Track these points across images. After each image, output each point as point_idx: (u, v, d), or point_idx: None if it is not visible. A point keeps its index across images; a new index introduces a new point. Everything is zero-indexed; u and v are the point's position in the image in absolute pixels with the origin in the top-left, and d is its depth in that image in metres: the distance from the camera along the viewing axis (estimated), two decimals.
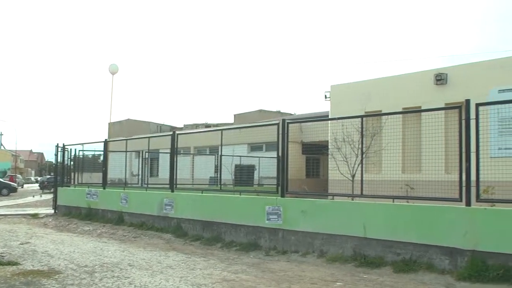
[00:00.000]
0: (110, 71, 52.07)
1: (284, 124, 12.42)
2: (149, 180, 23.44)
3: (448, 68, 21.32)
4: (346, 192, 12.97)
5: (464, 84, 20.01)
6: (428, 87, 21.28)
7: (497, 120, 18.03)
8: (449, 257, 9.00)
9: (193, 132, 29.21)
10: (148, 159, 24.43)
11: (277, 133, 12.49)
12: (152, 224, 16.36)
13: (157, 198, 16.41)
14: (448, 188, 9.64)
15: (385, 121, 14.12)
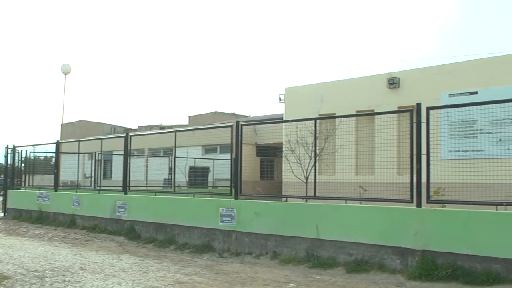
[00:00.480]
0: (63, 71, 51.10)
1: (238, 126, 12.42)
2: (102, 182, 23.09)
3: (401, 72, 21.69)
4: (300, 194, 13.04)
5: (416, 88, 20.40)
6: (381, 91, 21.62)
7: (448, 123, 18.51)
8: (400, 257, 9.15)
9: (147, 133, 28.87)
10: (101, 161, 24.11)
11: (231, 135, 12.48)
12: (105, 227, 16.13)
13: (110, 200, 16.18)
14: (400, 189, 9.80)
15: (338, 124, 14.27)
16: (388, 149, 12.99)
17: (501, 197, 9.56)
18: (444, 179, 11.00)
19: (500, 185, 10.56)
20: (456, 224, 8.70)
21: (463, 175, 11.88)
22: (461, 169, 12.55)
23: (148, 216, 14.49)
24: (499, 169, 11.65)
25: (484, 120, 17.10)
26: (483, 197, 9.65)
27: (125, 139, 16.27)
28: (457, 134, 18.78)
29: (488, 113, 12.81)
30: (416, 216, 9.12)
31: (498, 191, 10.04)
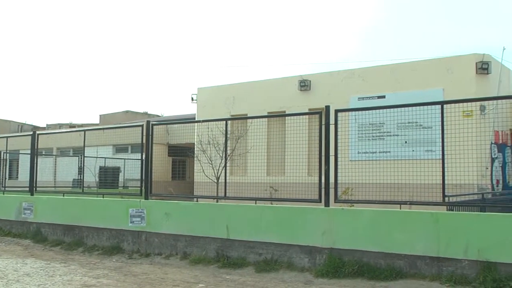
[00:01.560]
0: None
1: (148, 125, 12.25)
2: (8, 182, 22.14)
3: (312, 75, 22.17)
4: (211, 194, 13.04)
5: (327, 91, 20.91)
6: (293, 93, 22.00)
7: (357, 125, 19.10)
8: (309, 256, 9.31)
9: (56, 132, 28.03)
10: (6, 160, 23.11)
11: (142, 135, 12.29)
12: (10, 230, 15.42)
13: (15, 201, 15.49)
14: (310, 190, 9.98)
15: (250, 125, 14.38)
16: (299, 150, 13.22)
17: (405, 196, 9.94)
18: (353, 179, 11.31)
19: (405, 185, 10.98)
20: (362, 222, 8.96)
21: (371, 175, 12.29)
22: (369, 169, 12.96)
23: (56, 218, 14.00)
24: (404, 169, 12.11)
25: (391, 123, 17.70)
26: (390, 196, 10.01)
27: (32, 138, 15.66)
28: (365, 136, 19.39)
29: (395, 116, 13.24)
30: (324, 215, 9.31)
31: (404, 191, 10.43)
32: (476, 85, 18.39)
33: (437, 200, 8.96)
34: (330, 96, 19.42)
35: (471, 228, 8.03)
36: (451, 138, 10.12)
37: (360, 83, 20.68)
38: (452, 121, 10.31)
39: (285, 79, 22.82)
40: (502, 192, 18.30)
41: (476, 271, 7.80)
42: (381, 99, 19.76)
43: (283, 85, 22.48)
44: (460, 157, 10.32)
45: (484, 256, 7.79)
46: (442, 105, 8.95)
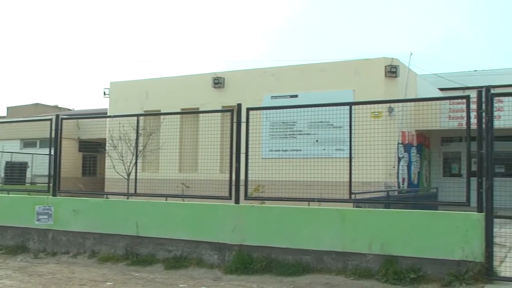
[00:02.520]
0: None
1: (58, 119, 11.88)
2: None
3: (226, 73, 22.23)
4: (121, 191, 12.84)
5: (241, 89, 21.03)
6: (207, 90, 21.99)
7: (270, 124, 19.33)
8: (218, 252, 9.35)
9: None
10: None
11: (50, 129, 11.90)
12: None
13: None
14: (222, 187, 10.00)
15: (162, 121, 14.26)
16: (212, 148, 13.25)
17: (315, 194, 10.14)
18: (265, 177, 11.46)
19: (315, 182, 11.23)
20: (271, 219, 9.09)
21: (283, 173, 12.49)
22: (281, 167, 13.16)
23: None
24: (315, 167, 12.37)
25: (303, 122, 18.08)
26: (300, 193, 10.19)
27: None
28: (278, 134, 19.67)
29: (307, 115, 13.54)
30: (234, 212, 9.37)
31: (314, 188, 10.65)
32: (385, 87, 19.04)
33: (345, 197, 9.23)
34: (243, 94, 19.52)
35: (375, 224, 8.34)
36: (360, 138, 10.43)
37: (273, 82, 20.95)
38: (362, 121, 10.63)
39: (199, 76, 22.76)
40: (407, 190, 19.07)
41: (379, 265, 8.10)
42: (293, 98, 20.08)
43: (197, 82, 22.41)
44: (369, 156, 10.66)
45: (387, 250, 8.11)
46: (350, 106, 9.21)
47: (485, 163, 7.82)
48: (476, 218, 7.75)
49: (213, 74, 22.05)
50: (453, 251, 7.77)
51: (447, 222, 7.97)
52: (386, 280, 7.82)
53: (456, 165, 23.05)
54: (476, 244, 7.68)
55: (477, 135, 7.86)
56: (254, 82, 21.24)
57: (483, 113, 7.88)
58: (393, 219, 8.30)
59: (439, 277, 7.75)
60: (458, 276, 7.60)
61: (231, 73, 22.20)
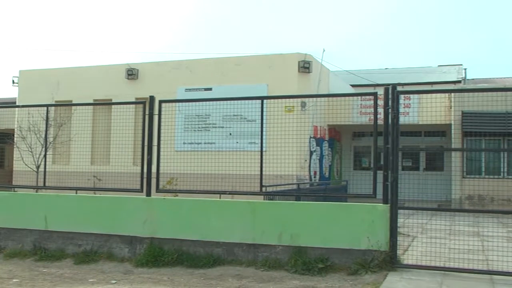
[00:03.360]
0: None
1: None
2: None
3: (140, 64, 21.95)
4: (30, 183, 12.46)
5: (155, 81, 20.85)
6: (120, 81, 21.65)
7: (184, 116, 19.29)
8: (129, 246, 9.26)
9: None
10: None
11: None
12: None
13: None
14: (134, 179, 9.89)
15: (74, 112, 13.95)
16: (125, 140, 13.08)
17: (228, 187, 10.25)
18: (179, 170, 11.46)
19: (228, 175, 11.34)
20: (182, 212, 9.09)
21: (196, 165, 12.51)
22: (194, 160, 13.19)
23: None
24: (228, 160, 12.48)
25: (217, 115, 18.18)
26: (213, 186, 10.27)
27: None
28: (191, 127, 19.67)
29: (221, 109, 13.62)
30: (146, 205, 9.31)
31: (227, 181, 10.76)
32: (298, 82, 19.41)
33: (256, 190, 9.37)
34: (157, 86, 19.36)
35: (285, 216, 8.52)
36: (273, 132, 10.62)
37: (187, 75, 20.89)
38: (275, 115, 10.82)
39: (112, 66, 22.33)
40: (319, 183, 19.56)
41: (288, 256, 8.30)
42: (208, 91, 20.12)
43: (110, 72, 21.99)
44: (281, 149, 10.86)
45: (296, 242, 8.32)
46: (262, 100, 9.32)
47: (391, 157, 8.12)
48: (382, 209, 8.08)
49: (126, 65, 21.70)
50: (360, 241, 8.08)
51: (354, 213, 8.27)
52: (295, 271, 8.01)
53: (367, 159, 23.83)
54: (381, 234, 8.02)
55: (384, 130, 8.16)
56: (168, 74, 21.10)
57: (390, 110, 8.16)
58: (302, 211, 8.51)
59: (346, 266, 8.04)
60: (364, 264, 7.92)
61: (145, 65, 21.94)
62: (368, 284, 7.30)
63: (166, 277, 8.09)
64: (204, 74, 20.66)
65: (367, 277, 7.64)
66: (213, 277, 8.00)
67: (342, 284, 7.37)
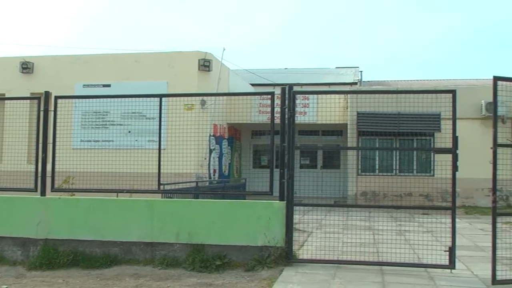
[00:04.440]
0: None
1: None
2: None
3: (35, 58, 21.18)
4: None
5: (52, 75, 20.17)
6: (14, 75, 20.77)
7: (81, 113, 18.83)
8: (22, 248, 8.94)
9: None
10: None
11: None
12: None
13: None
14: (29, 178, 9.55)
15: None
16: (19, 137, 12.61)
17: (127, 185, 10.14)
18: (76, 168, 11.19)
19: (127, 173, 11.21)
20: (79, 211, 8.89)
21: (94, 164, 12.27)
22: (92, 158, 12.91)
23: None
24: (127, 158, 12.33)
25: (115, 113, 17.88)
26: (111, 185, 10.10)
27: None
28: (89, 124, 19.24)
29: (120, 106, 13.42)
30: (40, 205, 9.02)
31: (126, 179, 10.63)
32: (198, 80, 19.45)
33: (154, 188, 9.34)
34: (54, 81, 18.69)
35: (182, 214, 8.57)
36: (173, 130, 10.60)
37: (85, 70, 20.37)
38: (175, 113, 10.80)
39: (5, 59, 21.35)
40: (218, 181, 19.70)
41: (186, 253, 8.36)
42: (106, 88, 19.73)
43: (3, 65, 21.02)
44: (181, 147, 10.87)
45: (194, 239, 8.39)
46: (160, 98, 9.29)
47: (287, 155, 8.35)
48: (278, 206, 8.32)
49: (21, 58, 20.83)
50: (257, 238, 8.28)
51: (251, 210, 8.46)
52: (193, 268, 8.08)
53: (266, 157, 24.22)
54: (278, 230, 8.26)
55: (281, 129, 8.37)
56: (66, 69, 20.47)
57: (286, 109, 8.39)
58: (199, 209, 8.59)
59: (244, 262, 8.22)
60: (260, 260, 8.12)
61: (41, 58, 21.15)
62: (265, 279, 7.49)
63: (61, 280, 7.89)
64: (103, 70, 20.23)
65: (263, 272, 7.84)
66: (110, 277, 7.91)
67: (239, 280, 7.52)
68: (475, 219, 16.39)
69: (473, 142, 17.91)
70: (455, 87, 12.04)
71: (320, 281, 7.37)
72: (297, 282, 7.32)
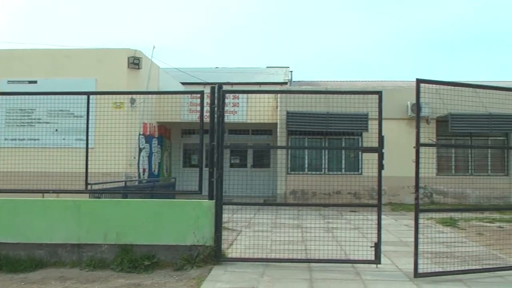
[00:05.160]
0: None
1: None
2: None
3: None
4: None
5: None
6: None
7: (6, 111, 18.21)
8: None
9: None
10: None
11: None
12: None
13: None
14: None
15: None
16: None
17: (53, 185, 9.88)
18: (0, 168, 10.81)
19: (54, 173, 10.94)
20: (1, 213, 8.55)
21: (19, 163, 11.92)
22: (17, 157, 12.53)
23: None
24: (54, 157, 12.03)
25: (42, 110, 17.42)
26: (37, 185, 9.83)
27: None
28: (14, 122, 18.63)
29: (46, 103, 13.08)
30: None
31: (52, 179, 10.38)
32: (127, 78, 19.15)
33: (82, 188, 9.15)
34: None
35: (110, 214, 8.41)
36: (101, 128, 10.43)
37: (9, 66, 19.68)
38: (104, 111, 10.64)
39: None
40: (147, 180, 19.49)
41: (115, 254, 8.23)
42: (32, 84, 19.14)
43: None
44: (110, 146, 10.71)
45: (122, 240, 8.27)
46: (88, 96, 9.13)
47: (216, 154, 8.37)
48: (207, 205, 8.33)
49: None
50: (186, 237, 8.26)
51: (180, 210, 8.42)
52: (122, 269, 7.96)
53: (196, 156, 24.13)
54: (207, 229, 8.27)
55: (210, 128, 8.38)
56: None
57: (216, 108, 8.40)
58: (128, 209, 8.46)
59: (173, 262, 8.17)
60: (190, 260, 8.12)
61: None
62: (193, 278, 7.49)
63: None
64: (29, 66, 19.59)
65: (192, 272, 7.83)
66: (35, 281, 7.68)
67: (168, 280, 7.47)
68: (401, 215, 16.90)
69: (399, 141, 18.48)
70: (383, 89, 12.40)
71: (248, 279, 7.43)
72: (225, 280, 7.35)
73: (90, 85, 18.22)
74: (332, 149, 22.19)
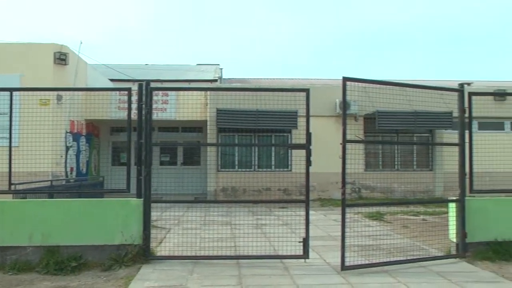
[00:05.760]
0: None
1: None
2: None
3: None
4: None
5: None
6: None
7: None
8: None
9: None
10: None
11: None
12: None
13: None
14: None
15: None
16: None
17: None
18: None
19: None
20: None
21: None
22: None
23: None
24: None
25: None
26: None
27: None
28: None
29: None
30: None
31: None
32: (53, 74, 18.58)
33: (4, 189, 8.86)
34: None
35: (35, 215, 8.20)
36: (26, 126, 10.14)
37: None
38: (29, 108, 10.34)
39: None
40: (75, 179, 19.05)
41: (40, 256, 8.04)
42: None
43: None
44: (35, 145, 10.41)
45: (48, 241, 8.10)
46: (11, 92, 8.88)
47: (144, 152, 8.31)
48: (135, 203, 8.28)
49: None
50: (114, 237, 8.18)
51: (107, 209, 8.34)
52: (47, 271, 7.79)
53: (125, 154, 23.65)
54: (135, 228, 8.23)
55: (138, 126, 8.32)
56: None
57: (143, 105, 8.34)
58: (54, 209, 8.28)
59: (101, 262, 8.08)
60: (118, 259, 8.05)
61: None
62: (122, 278, 7.42)
63: None
64: None
65: (121, 271, 7.77)
66: None
67: (95, 281, 7.36)
68: (329, 210, 17.25)
69: (328, 138, 18.72)
70: (312, 86, 12.62)
71: (177, 277, 7.44)
72: (154, 279, 7.33)
73: (15, 81, 17.59)
74: (262, 146, 22.37)
